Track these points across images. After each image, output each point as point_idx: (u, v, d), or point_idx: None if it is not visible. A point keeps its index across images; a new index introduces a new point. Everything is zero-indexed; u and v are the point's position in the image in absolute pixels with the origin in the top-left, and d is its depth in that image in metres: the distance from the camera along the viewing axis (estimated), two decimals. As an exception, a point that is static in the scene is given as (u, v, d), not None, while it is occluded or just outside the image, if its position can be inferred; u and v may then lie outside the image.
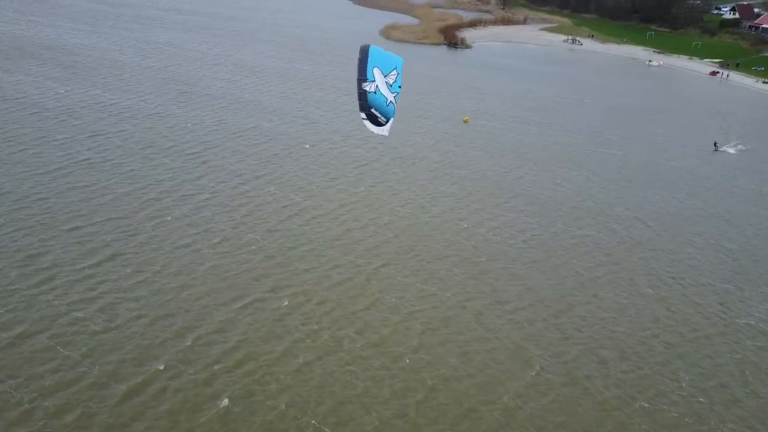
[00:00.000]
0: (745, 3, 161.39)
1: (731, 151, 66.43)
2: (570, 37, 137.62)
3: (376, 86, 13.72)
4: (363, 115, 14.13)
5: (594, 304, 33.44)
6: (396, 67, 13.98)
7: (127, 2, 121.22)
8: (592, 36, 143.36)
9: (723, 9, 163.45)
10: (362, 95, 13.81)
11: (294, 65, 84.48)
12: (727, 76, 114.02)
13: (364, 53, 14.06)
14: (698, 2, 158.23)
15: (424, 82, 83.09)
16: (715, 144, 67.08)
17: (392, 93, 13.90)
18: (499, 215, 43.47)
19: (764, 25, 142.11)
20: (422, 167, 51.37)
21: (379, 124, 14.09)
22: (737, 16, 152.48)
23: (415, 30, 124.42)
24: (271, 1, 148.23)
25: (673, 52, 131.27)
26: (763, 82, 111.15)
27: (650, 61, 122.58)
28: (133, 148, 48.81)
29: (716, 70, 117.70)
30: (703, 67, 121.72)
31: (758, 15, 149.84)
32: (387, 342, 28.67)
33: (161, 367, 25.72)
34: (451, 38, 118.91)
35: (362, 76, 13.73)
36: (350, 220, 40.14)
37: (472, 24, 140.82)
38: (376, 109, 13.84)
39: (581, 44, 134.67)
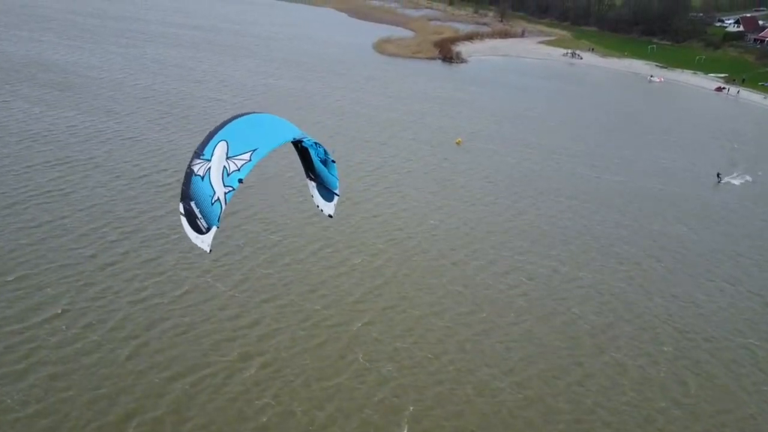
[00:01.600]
0: (749, 15, 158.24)
1: (736, 182, 60.53)
2: (569, 51, 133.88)
3: (208, 169, 9.02)
4: (181, 209, 9.31)
5: (614, 370, 28.84)
6: (256, 150, 9.01)
7: (117, 15, 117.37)
8: (593, 49, 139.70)
9: (726, 21, 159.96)
10: (187, 177, 9.18)
11: (283, 82, 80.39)
12: (738, 92, 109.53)
13: (229, 119, 9.49)
14: (700, 15, 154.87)
15: (415, 100, 78.90)
16: (718, 175, 61.11)
17: (225, 187, 9.04)
18: (501, 257, 38.96)
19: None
20: (414, 199, 46.89)
21: (198, 229, 9.21)
22: (741, 28, 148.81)
23: (409, 43, 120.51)
24: (267, 15, 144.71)
25: (676, 67, 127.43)
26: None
27: (651, 76, 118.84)
28: (100, 180, 44.41)
29: (722, 85, 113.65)
30: (707, 82, 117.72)
31: (763, 28, 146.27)
32: (370, 429, 24.09)
33: (93, 469, 21.19)
34: (446, 52, 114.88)
35: (199, 149, 9.19)
36: (333, 266, 35.61)
37: (469, 37, 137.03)
38: (197, 204, 9.09)
39: (581, 58, 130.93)
